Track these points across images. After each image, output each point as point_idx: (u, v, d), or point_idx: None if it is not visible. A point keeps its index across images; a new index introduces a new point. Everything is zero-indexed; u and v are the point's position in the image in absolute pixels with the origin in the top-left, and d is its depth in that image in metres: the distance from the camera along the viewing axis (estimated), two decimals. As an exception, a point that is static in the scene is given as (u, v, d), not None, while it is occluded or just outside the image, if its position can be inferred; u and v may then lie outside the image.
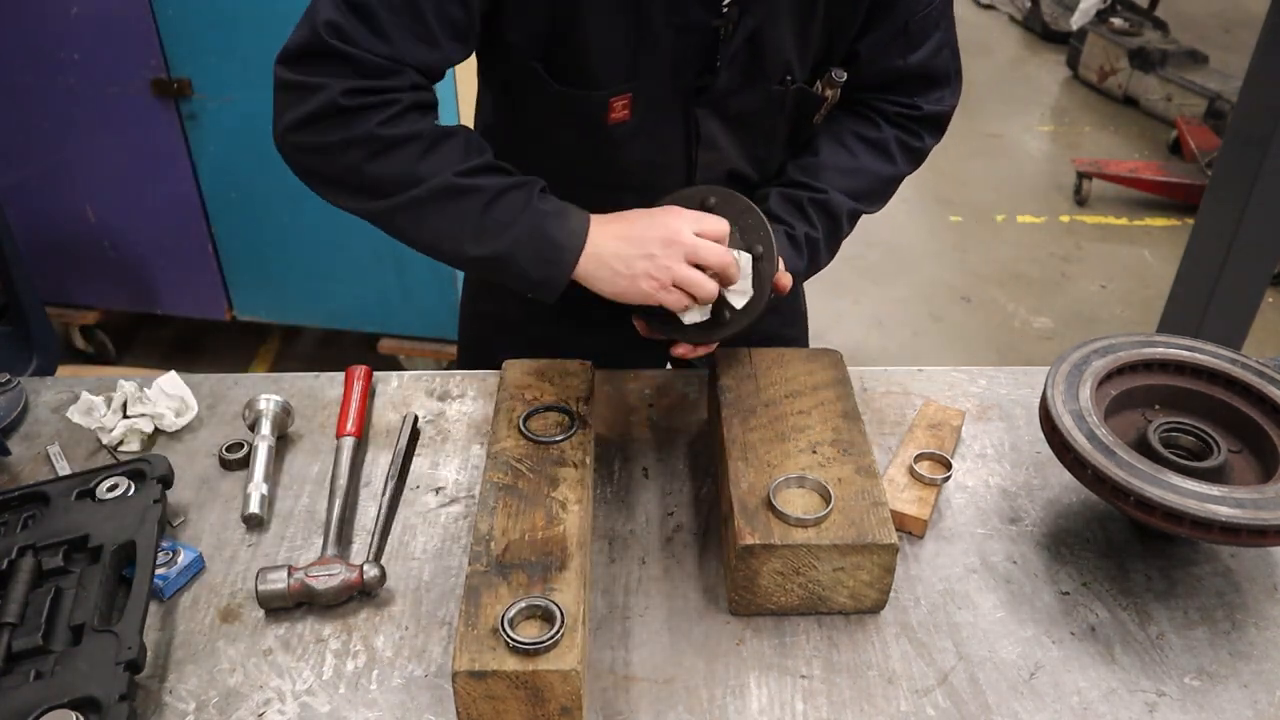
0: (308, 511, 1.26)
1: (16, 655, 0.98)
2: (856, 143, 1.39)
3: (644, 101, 1.26)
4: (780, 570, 1.08)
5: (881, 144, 1.40)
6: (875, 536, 1.07)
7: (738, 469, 1.16)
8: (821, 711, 1.02)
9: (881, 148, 1.40)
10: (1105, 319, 3.92)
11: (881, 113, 1.40)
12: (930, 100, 1.40)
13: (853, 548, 1.07)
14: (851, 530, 1.08)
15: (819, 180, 1.36)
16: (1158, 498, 1.06)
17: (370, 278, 3.19)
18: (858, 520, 1.09)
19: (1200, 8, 7.00)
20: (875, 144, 1.39)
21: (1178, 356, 1.27)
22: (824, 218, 1.36)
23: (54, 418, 1.39)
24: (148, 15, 2.82)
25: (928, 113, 1.40)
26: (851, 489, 1.13)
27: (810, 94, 1.34)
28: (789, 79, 1.30)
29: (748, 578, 1.09)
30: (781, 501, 1.10)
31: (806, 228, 1.35)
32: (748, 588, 1.10)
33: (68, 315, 3.44)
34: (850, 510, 1.10)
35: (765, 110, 1.33)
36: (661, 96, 1.27)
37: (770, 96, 1.31)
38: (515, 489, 1.13)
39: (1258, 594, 1.16)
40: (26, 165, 3.15)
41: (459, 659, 0.93)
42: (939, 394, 1.46)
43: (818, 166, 1.37)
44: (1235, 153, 2.61)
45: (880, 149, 1.40)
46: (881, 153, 1.40)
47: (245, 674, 1.06)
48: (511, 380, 1.30)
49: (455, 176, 1.12)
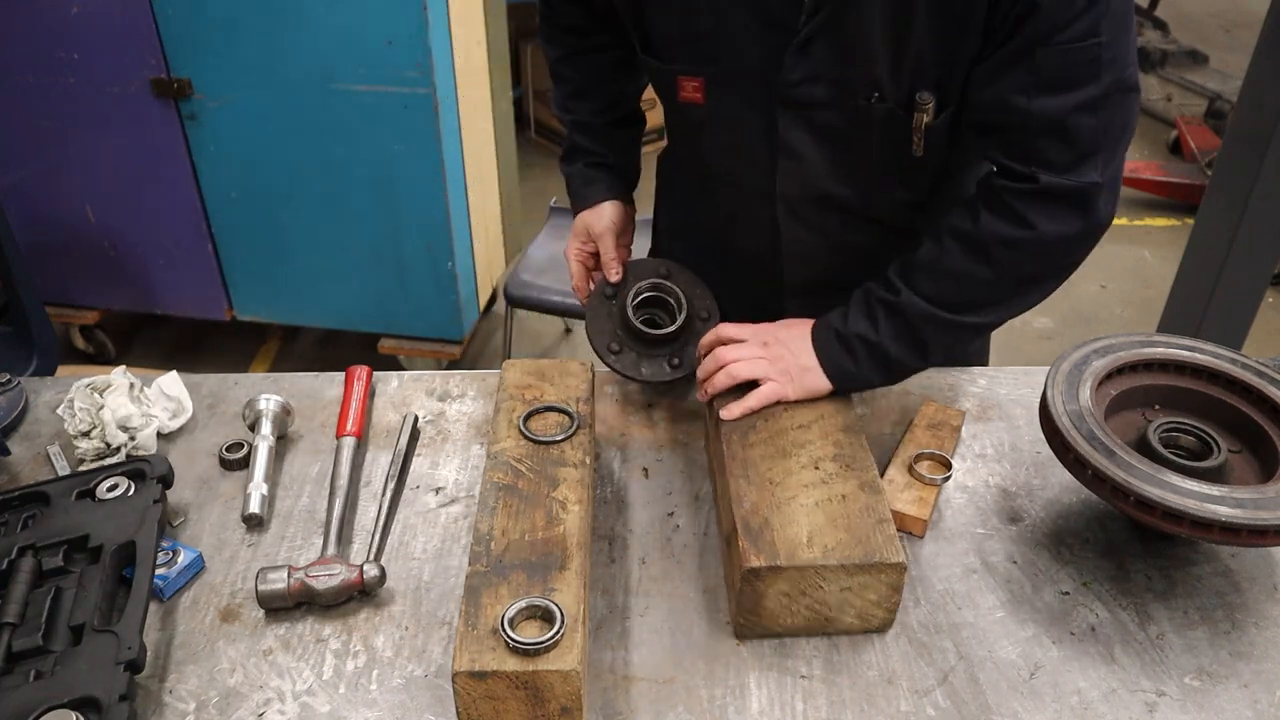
0: (308, 511, 1.26)
1: (16, 655, 0.98)
2: (950, 238, 1.20)
3: (719, 90, 1.25)
4: (786, 592, 1.06)
5: (973, 240, 1.18)
6: (883, 555, 1.05)
7: (739, 487, 1.13)
8: (821, 711, 1.02)
9: (974, 244, 1.18)
10: (1105, 319, 3.92)
11: (987, 196, 1.17)
12: (1056, 170, 1.10)
13: (860, 567, 1.05)
14: (859, 549, 1.05)
15: (905, 279, 1.23)
16: (1158, 498, 1.06)
17: (370, 278, 3.19)
18: (864, 539, 1.07)
19: (1200, 8, 7.01)
20: (967, 239, 1.19)
21: (1178, 356, 1.27)
22: (891, 321, 1.23)
23: (54, 418, 1.39)
24: (148, 15, 2.82)
25: (1048, 186, 1.11)
26: (856, 505, 1.10)
27: (898, 116, 1.18)
28: (877, 96, 1.17)
29: (753, 600, 1.06)
30: (782, 521, 1.08)
31: (862, 327, 1.24)
32: (753, 610, 1.07)
33: (68, 315, 3.44)
34: (856, 528, 1.08)
35: (854, 128, 1.22)
36: (740, 89, 1.24)
37: (859, 113, 1.19)
38: (515, 489, 1.13)
39: (1258, 594, 1.16)
40: (26, 165, 3.15)
41: (459, 659, 0.93)
42: (939, 394, 1.46)
43: (911, 264, 1.24)
44: (1235, 153, 2.61)
45: (973, 246, 1.18)
46: (974, 251, 1.18)
47: (245, 674, 1.06)
48: (511, 380, 1.30)
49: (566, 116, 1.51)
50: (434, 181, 2.97)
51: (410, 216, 3.04)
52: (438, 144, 2.90)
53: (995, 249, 1.17)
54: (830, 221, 1.36)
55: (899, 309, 1.23)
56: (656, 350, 1.39)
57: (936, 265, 1.21)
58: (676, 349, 1.39)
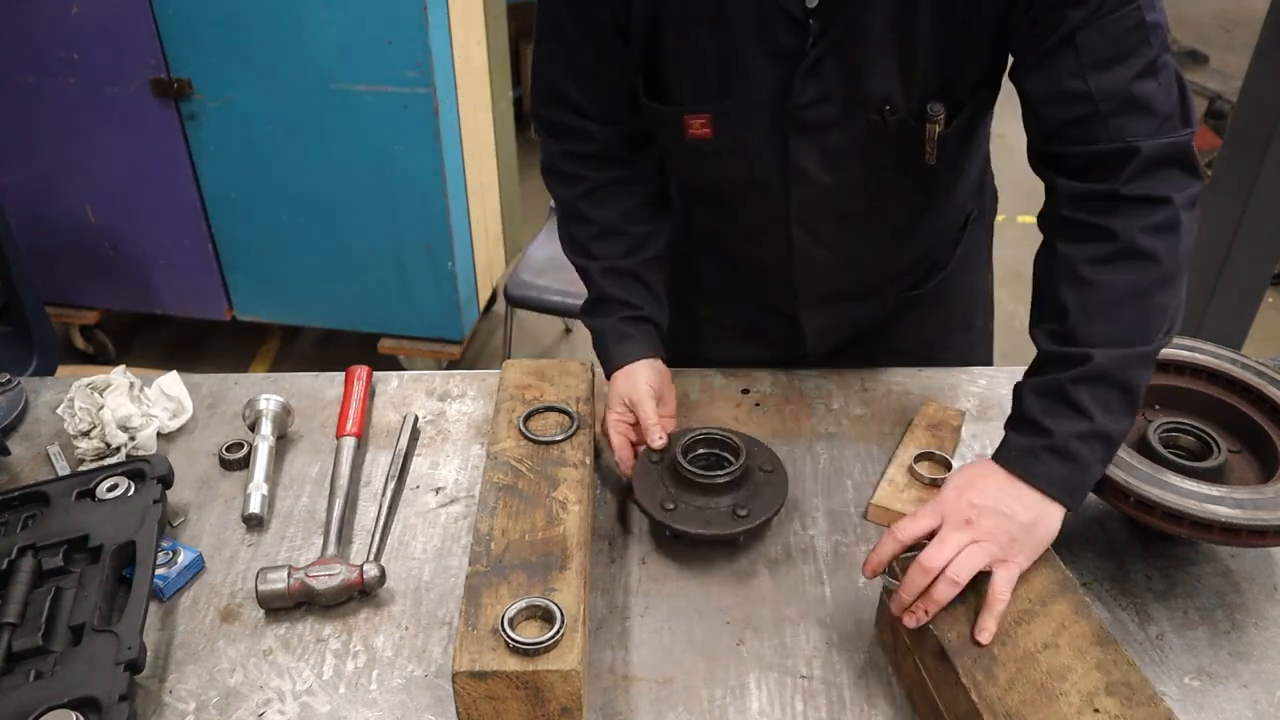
0: (308, 511, 1.26)
1: (16, 655, 0.98)
2: (1096, 268, 1.05)
3: (728, 123, 1.21)
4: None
5: (1126, 249, 1.04)
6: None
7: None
8: (821, 711, 1.02)
9: (1128, 252, 1.04)
10: (1105, 319, 3.91)
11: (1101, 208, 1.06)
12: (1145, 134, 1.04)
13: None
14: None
15: (1074, 341, 1.05)
16: (1157, 498, 1.06)
17: (370, 278, 3.19)
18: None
19: (1200, 8, 7.00)
20: (1119, 255, 1.04)
21: (1178, 356, 1.27)
22: (1095, 394, 1.03)
23: (54, 418, 1.39)
24: (148, 15, 2.82)
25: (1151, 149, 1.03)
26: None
27: (911, 127, 1.16)
28: (888, 109, 1.15)
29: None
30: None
31: (1071, 425, 1.02)
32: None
33: (68, 315, 3.44)
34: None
35: (867, 143, 1.19)
36: (750, 120, 1.20)
37: (871, 128, 1.17)
38: (515, 489, 1.13)
39: (1258, 594, 1.15)
40: (26, 165, 3.15)
41: (459, 659, 0.93)
42: (939, 394, 1.46)
43: (1066, 326, 1.06)
44: (1235, 153, 2.60)
45: (1128, 254, 1.04)
46: (1131, 257, 1.04)
47: (245, 674, 1.06)
48: (511, 380, 1.30)
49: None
50: (434, 181, 2.97)
51: (410, 216, 3.04)
52: (438, 144, 2.90)
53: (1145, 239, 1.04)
54: (844, 237, 1.33)
55: (1101, 376, 1.02)
56: (717, 499, 1.18)
57: (1098, 303, 1.05)
58: (741, 498, 1.18)
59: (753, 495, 1.19)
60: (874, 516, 1.24)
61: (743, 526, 1.15)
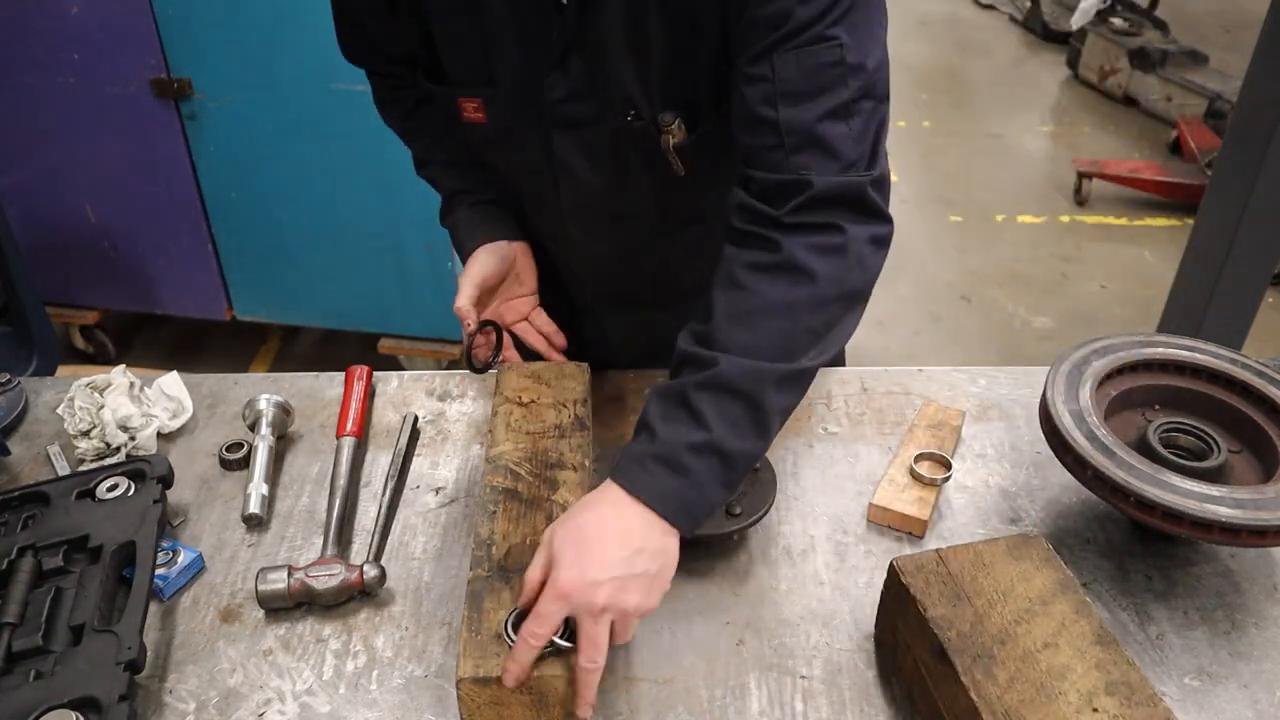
0: (308, 511, 1.26)
1: (16, 655, 0.98)
2: (752, 274, 1.00)
3: (498, 110, 1.21)
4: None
5: (785, 261, 0.99)
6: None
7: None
8: (821, 711, 1.02)
9: (787, 265, 0.99)
10: (1105, 319, 3.92)
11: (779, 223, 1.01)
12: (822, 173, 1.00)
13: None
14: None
15: (709, 343, 0.99)
16: (1157, 498, 1.06)
17: (370, 278, 3.19)
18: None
19: (1200, 8, 7.00)
20: (777, 267, 1.00)
21: (1178, 356, 1.27)
22: (717, 401, 0.95)
23: (54, 418, 1.39)
24: (148, 15, 2.82)
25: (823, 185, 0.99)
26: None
27: (652, 135, 1.14)
28: (634, 114, 1.14)
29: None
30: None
31: (682, 432, 0.95)
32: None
33: (68, 315, 3.44)
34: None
35: (620, 146, 1.18)
36: (515, 109, 1.19)
37: (619, 131, 1.16)
38: (515, 493, 1.13)
39: (1258, 594, 1.16)
40: (26, 165, 3.15)
41: (463, 665, 0.93)
42: (939, 394, 1.46)
43: (710, 329, 1.00)
44: (1235, 153, 2.60)
45: (786, 267, 0.99)
46: (789, 272, 0.99)
47: (245, 674, 1.06)
48: (508, 384, 1.30)
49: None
50: (434, 181, 2.97)
51: (410, 216, 3.04)
52: (438, 144, 2.90)
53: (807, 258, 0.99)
54: (621, 238, 1.32)
55: (726, 385, 0.95)
56: None
57: (744, 310, 0.99)
58: (734, 496, 1.18)
59: (745, 494, 1.20)
60: (874, 516, 1.24)
61: (736, 525, 1.16)
